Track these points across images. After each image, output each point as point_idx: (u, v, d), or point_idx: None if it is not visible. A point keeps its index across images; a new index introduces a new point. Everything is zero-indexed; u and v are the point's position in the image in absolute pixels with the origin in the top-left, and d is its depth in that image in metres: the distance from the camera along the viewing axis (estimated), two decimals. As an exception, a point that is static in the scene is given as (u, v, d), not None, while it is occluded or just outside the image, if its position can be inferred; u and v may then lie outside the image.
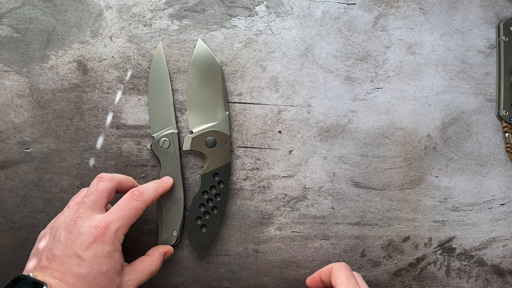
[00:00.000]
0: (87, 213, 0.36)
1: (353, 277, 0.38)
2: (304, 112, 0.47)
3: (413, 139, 0.48)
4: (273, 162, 0.47)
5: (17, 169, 0.45)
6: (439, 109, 0.48)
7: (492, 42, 0.48)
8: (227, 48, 0.46)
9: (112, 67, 0.46)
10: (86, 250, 0.34)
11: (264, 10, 0.47)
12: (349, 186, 0.47)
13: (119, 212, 0.37)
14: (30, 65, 0.45)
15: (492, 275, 0.48)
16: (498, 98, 0.48)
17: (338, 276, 0.38)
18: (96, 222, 0.36)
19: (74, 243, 0.34)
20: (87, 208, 0.37)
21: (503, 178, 0.48)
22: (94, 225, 0.35)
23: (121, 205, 0.37)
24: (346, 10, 0.47)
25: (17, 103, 0.45)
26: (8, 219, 0.45)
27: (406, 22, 0.48)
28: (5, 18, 0.45)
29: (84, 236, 0.35)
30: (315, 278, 0.42)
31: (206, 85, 0.45)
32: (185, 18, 0.46)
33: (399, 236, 0.48)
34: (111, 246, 0.35)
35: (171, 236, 0.44)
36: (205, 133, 0.45)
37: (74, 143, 0.45)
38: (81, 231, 0.35)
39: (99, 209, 0.37)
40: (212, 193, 0.45)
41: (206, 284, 0.47)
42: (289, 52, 0.47)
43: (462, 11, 0.48)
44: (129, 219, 0.37)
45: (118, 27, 0.46)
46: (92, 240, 0.35)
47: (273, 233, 0.47)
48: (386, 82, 0.47)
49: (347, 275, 0.38)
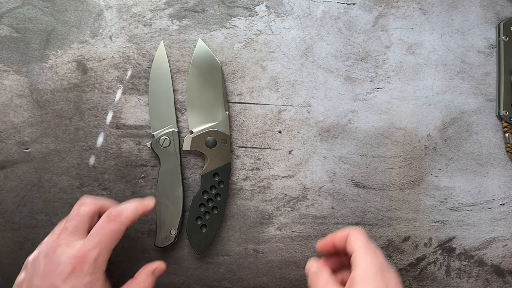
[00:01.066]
0: (68, 240, 0.35)
1: (371, 242, 0.36)
2: (304, 112, 0.47)
3: (413, 139, 0.48)
4: (273, 162, 0.47)
5: (16, 169, 0.45)
6: (439, 109, 0.48)
7: (492, 42, 0.48)
8: (227, 48, 0.46)
9: (112, 67, 0.45)
10: (65, 282, 0.33)
11: (264, 10, 0.47)
12: (349, 186, 0.47)
13: (96, 237, 0.35)
14: (30, 65, 0.45)
15: (492, 275, 0.48)
16: (498, 98, 0.48)
17: (354, 242, 0.36)
18: (74, 251, 0.34)
19: (53, 274, 0.33)
20: (68, 234, 0.35)
21: (503, 178, 0.48)
22: (72, 255, 0.34)
23: (98, 229, 0.35)
24: (346, 10, 0.47)
25: (17, 103, 0.45)
26: (7, 219, 0.45)
27: (406, 22, 0.48)
28: (4, 17, 0.45)
29: (63, 266, 0.33)
30: (328, 242, 0.39)
31: (206, 85, 0.45)
32: (185, 18, 0.46)
33: (399, 236, 0.48)
34: (91, 276, 0.34)
35: (170, 234, 0.44)
36: (205, 133, 0.45)
37: (73, 143, 0.45)
38: (60, 260, 0.34)
39: (80, 234, 0.36)
40: (212, 193, 0.45)
41: (206, 284, 0.47)
42: (289, 52, 0.47)
43: (462, 11, 0.48)
44: (108, 244, 0.35)
45: (118, 27, 0.45)
46: (70, 271, 0.33)
47: (273, 233, 0.47)
48: (386, 82, 0.47)
49: (366, 240, 0.36)
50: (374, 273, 0.34)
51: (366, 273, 0.34)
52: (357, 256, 0.35)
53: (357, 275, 0.34)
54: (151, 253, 0.46)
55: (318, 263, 0.38)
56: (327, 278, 0.36)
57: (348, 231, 0.38)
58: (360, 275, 0.34)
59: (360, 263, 0.34)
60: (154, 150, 0.44)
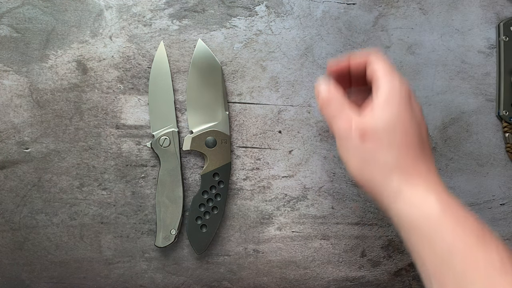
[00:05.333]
0: None
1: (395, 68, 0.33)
2: (304, 112, 0.47)
3: (413, 139, 0.48)
4: (273, 162, 0.47)
5: (16, 169, 0.45)
6: (439, 109, 0.48)
7: (492, 42, 0.48)
8: (227, 48, 0.46)
9: (112, 67, 0.45)
10: None
11: (264, 10, 0.47)
12: (349, 186, 0.47)
13: None
14: (30, 65, 0.45)
15: (492, 275, 0.48)
16: (498, 98, 0.48)
17: (379, 64, 0.32)
18: None
19: None
20: None
21: (503, 178, 0.48)
22: None
23: None
24: (346, 10, 0.47)
25: (17, 103, 0.45)
26: (7, 219, 0.45)
27: (406, 22, 0.48)
28: (4, 17, 0.45)
29: None
30: (343, 63, 0.35)
31: (206, 85, 0.45)
32: (185, 18, 0.46)
33: (399, 236, 0.48)
34: None
35: (170, 234, 0.44)
36: (205, 133, 0.45)
37: (73, 143, 0.45)
38: None
39: None
40: (212, 193, 0.45)
41: (206, 284, 0.47)
42: (289, 52, 0.47)
43: (462, 11, 0.48)
44: None
45: (118, 27, 0.45)
46: None
47: (273, 233, 0.47)
48: (386, 82, 0.47)
49: (389, 64, 0.33)
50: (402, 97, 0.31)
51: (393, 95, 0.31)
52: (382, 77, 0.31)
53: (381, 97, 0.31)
54: (151, 253, 0.46)
55: (330, 85, 0.34)
56: (342, 100, 0.33)
57: (369, 53, 0.34)
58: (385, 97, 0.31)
59: (386, 85, 0.31)
60: (154, 150, 0.44)
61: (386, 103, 0.31)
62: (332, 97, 0.33)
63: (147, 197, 0.46)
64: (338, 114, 0.32)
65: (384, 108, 0.31)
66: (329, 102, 0.33)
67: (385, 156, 0.31)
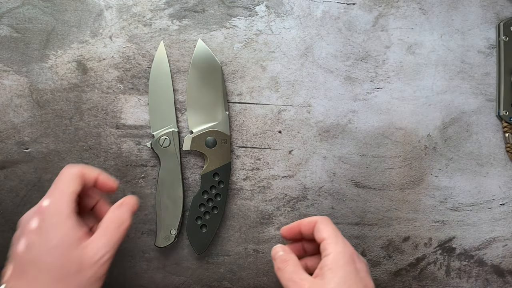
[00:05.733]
0: None
1: (339, 231, 0.37)
2: (304, 112, 0.47)
3: (413, 139, 0.48)
4: (273, 162, 0.47)
5: (16, 169, 0.45)
6: (439, 109, 0.48)
7: (492, 42, 0.48)
8: (227, 48, 0.46)
9: (112, 67, 0.45)
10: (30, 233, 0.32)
11: (264, 10, 0.47)
12: (349, 186, 0.47)
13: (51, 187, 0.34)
14: (30, 65, 0.45)
15: (492, 275, 0.48)
16: (498, 98, 0.48)
17: (324, 230, 0.36)
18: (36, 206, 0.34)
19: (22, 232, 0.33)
20: None
21: (503, 178, 0.48)
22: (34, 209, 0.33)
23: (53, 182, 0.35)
24: (346, 10, 0.47)
25: (17, 103, 0.45)
26: (7, 219, 0.45)
27: (406, 22, 0.48)
28: (4, 17, 0.45)
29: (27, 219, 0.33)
30: (293, 228, 0.39)
31: (206, 85, 0.45)
32: (185, 18, 0.46)
33: (399, 236, 0.48)
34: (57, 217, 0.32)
35: (170, 234, 0.44)
36: (205, 133, 0.45)
37: (73, 143, 0.45)
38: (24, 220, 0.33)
39: None
40: (212, 193, 0.45)
41: (206, 284, 0.47)
42: (289, 52, 0.47)
43: (462, 11, 0.48)
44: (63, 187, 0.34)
45: (118, 27, 0.45)
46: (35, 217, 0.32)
47: (273, 233, 0.47)
48: (386, 82, 0.47)
49: (334, 228, 0.36)
50: (346, 261, 0.34)
51: (338, 260, 0.34)
52: (328, 244, 0.35)
53: (328, 263, 0.34)
54: (151, 253, 0.46)
55: (286, 248, 0.38)
56: (296, 263, 0.36)
57: (316, 218, 0.38)
58: (332, 262, 0.34)
59: (332, 251, 0.35)
60: (154, 150, 0.44)
61: (334, 268, 0.34)
62: (288, 258, 0.37)
63: (147, 197, 0.46)
64: (294, 277, 0.35)
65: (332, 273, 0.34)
66: (286, 263, 0.36)
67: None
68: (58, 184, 0.34)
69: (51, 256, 0.31)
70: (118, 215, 0.36)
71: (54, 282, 0.31)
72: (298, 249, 0.40)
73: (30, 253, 0.31)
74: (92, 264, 0.32)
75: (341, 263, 0.34)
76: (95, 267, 0.33)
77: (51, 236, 0.31)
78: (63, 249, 0.32)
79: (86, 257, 0.32)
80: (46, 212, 0.33)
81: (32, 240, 0.32)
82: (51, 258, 0.31)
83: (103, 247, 0.33)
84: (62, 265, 0.31)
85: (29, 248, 0.31)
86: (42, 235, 0.32)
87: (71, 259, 0.32)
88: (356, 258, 0.35)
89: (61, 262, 0.31)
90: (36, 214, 0.33)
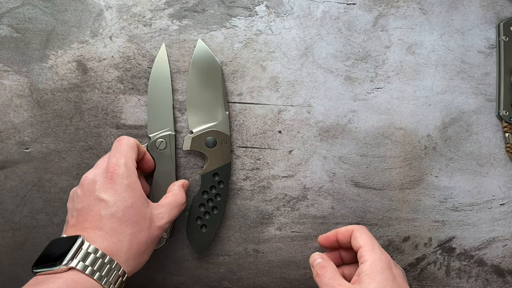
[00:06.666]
0: None
1: (375, 239, 0.38)
2: (304, 112, 0.47)
3: (413, 139, 0.48)
4: (273, 162, 0.47)
5: (16, 169, 0.45)
6: (439, 109, 0.48)
7: (492, 42, 0.48)
8: (227, 48, 0.46)
9: (112, 67, 0.45)
10: (106, 191, 0.35)
11: (264, 10, 0.47)
12: (349, 186, 0.47)
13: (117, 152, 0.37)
14: (30, 65, 0.45)
15: (492, 275, 0.48)
16: (498, 98, 0.48)
17: (361, 238, 0.38)
18: (103, 167, 0.37)
19: (92, 191, 0.35)
20: None
21: (503, 178, 0.48)
22: (103, 169, 0.36)
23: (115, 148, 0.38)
24: (346, 10, 0.47)
25: (17, 103, 0.45)
26: (7, 219, 0.45)
27: (406, 22, 0.48)
28: (4, 17, 0.45)
29: (99, 181, 0.36)
30: (330, 237, 0.41)
31: (206, 85, 0.45)
32: (185, 18, 0.46)
33: (399, 236, 0.48)
34: (128, 179, 0.36)
35: (161, 238, 0.42)
36: (205, 133, 0.45)
37: (73, 143, 0.45)
38: (95, 179, 0.36)
39: None
40: (212, 193, 0.45)
41: (206, 284, 0.47)
42: (289, 52, 0.47)
43: (462, 11, 0.48)
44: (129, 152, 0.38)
45: (118, 27, 0.45)
46: (107, 181, 0.35)
47: (273, 233, 0.47)
48: (386, 82, 0.47)
49: (371, 236, 0.38)
50: (383, 267, 0.35)
51: (375, 266, 0.35)
52: (366, 251, 0.37)
53: (366, 269, 0.35)
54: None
55: (324, 256, 0.39)
56: (334, 270, 0.37)
57: (353, 227, 0.39)
58: (369, 268, 0.35)
59: (369, 258, 0.36)
60: (149, 152, 0.44)
61: (371, 274, 0.35)
62: (327, 264, 0.38)
63: (147, 197, 0.46)
64: (332, 282, 0.36)
65: (369, 279, 0.35)
66: (324, 269, 0.37)
67: None
68: (121, 150, 0.38)
69: (127, 214, 0.35)
70: (182, 196, 0.41)
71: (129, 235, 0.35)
72: (335, 257, 0.42)
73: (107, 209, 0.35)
74: (158, 227, 0.37)
75: (378, 269, 0.35)
76: (159, 230, 0.37)
77: (126, 197, 0.35)
78: (137, 209, 0.36)
79: (154, 218, 0.37)
80: (118, 174, 0.36)
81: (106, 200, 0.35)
82: (127, 216, 0.35)
83: (167, 215, 0.38)
84: (137, 221, 0.35)
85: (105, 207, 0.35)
86: (117, 195, 0.35)
87: (145, 216, 0.36)
88: (392, 264, 0.37)
89: (136, 218, 0.35)
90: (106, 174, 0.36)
